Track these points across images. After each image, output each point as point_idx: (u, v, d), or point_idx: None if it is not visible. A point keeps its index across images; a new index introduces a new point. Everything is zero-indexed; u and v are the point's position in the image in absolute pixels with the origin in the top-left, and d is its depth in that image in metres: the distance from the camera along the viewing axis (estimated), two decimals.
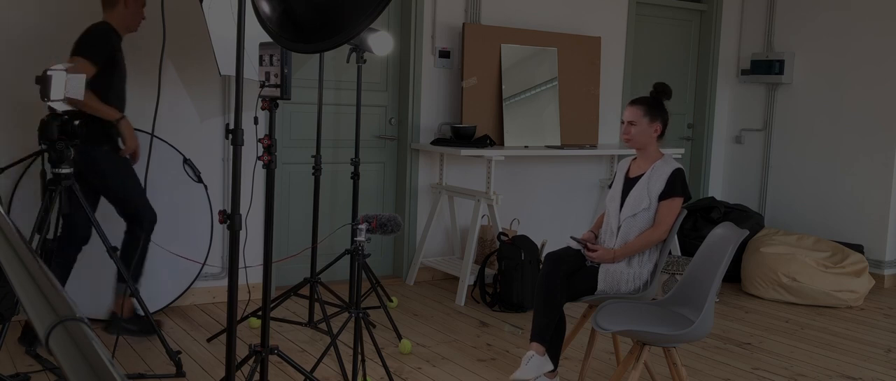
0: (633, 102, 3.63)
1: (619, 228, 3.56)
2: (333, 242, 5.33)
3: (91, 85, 3.67)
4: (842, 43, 6.32)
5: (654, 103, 3.60)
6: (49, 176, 3.48)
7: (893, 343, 4.64)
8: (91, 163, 3.85)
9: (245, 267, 4.66)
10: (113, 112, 3.88)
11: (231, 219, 2.74)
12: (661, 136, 3.62)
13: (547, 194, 6.11)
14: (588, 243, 3.61)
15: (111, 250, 3.53)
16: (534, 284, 4.89)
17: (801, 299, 5.45)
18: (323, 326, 4.37)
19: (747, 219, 6.03)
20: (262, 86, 2.96)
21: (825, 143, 6.45)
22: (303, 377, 3.56)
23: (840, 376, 4.02)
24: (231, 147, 2.79)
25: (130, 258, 3.96)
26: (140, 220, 4.01)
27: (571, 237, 3.70)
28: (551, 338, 3.47)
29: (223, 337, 4.14)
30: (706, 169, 7.10)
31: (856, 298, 5.43)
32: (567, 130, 5.95)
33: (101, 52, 3.85)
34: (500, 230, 5.15)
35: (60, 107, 3.40)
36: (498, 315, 4.88)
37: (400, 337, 4.14)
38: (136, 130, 4.49)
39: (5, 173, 3.96)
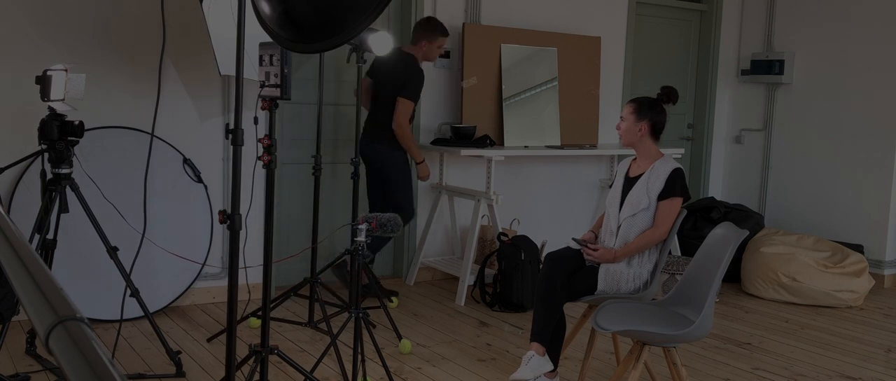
0: (631, 101, 3.66)
1: (618, 227, 3.56)
2: (333, 242, 5.33)
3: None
4: (842, 43, 6.32)
5: (646, 104, 3.60)
6: (49, 176, 3.48)
7: (893, 343, 4.64)
8: (384, 159, 4.89)
9: (245, 267, 4.65)
10: (419, 154, 4.99)
11: (231, 219, 2.74)
12: (655, 137, 3.61)
13: (547, 194, 6.11)
14: (588, 243, 3.62)
15: (111, 250, 3.53)
16: (534, 284, 4.89)
17: (801, 299, 5.45)
18: (323, 326, 4.37)
19: (747, 219, 6.02)
20: (262, 86, 2.96)
21: (825, 143, 6.45)
22: (303, 377, 3.56)
23: (840, 376, 4.02)
24: (231, 147, 2.79)
25: (381, 243, 4.96)
26: (400, 212, 4.77)
27: (572, 238, 3.71)
28: (551, 338, 3.47)
29: (223, 337, 4.14)
30: (706, 169, 7.10)
31: (856, 298, 5.43)
32: (567, 130, 5.95)
33: (419, 91, 4.87)
34: (500, 230, 5.15)
35: (61, 107, 3.40)
36: (498, 315, 4.88)
37: (400, 337, 4.14)
38: (135, 130, 4.50)
39: (5, 173, 3.96)
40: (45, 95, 3.35)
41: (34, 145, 3.63)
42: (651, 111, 3.58)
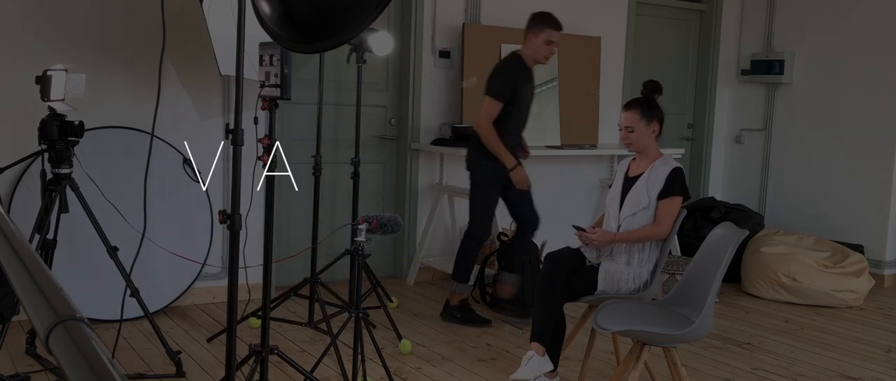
0: (628, 107, 3.59)
1: (618, 227, 3.56)
2: (333, 242, 5.33)
3: (495, 121, 4.37)
4: (842, 43, 6.32)
5: (648, 104, 3.58)
6: (49, 176, 3.48)
7: (893, 343, 4.64)
8: (469, 164, 4.55)
9: (245, 267, 4.65)
10: (509, 159, 4.45)
11: (231, 219, 2.74)
12: (660, 134, 3.61)
13: (547, 193, 6.11)
14: (587, 228, 3.61)
15: (111, 250, 3.53)
16: (534, 284, 4.88)
17: (801, 299, 5.45)
18: (323, 326, 4.37)
19: (747, 219, 6.02)
20: (262, 86, 2.96)
21: (825, 143, 6.45)
22: (303, 377, 3.56)
23: (840, 376, 4.02)
24: (231, 147, 2.79)
25: (462, 259, 4.61)
26: (469, 228, 4.59)
27: (573, 226, 3.68)
28: (551, 338, 3.47)
29: (223, 337, 4.14)
30: (706, 169, 7.10)
31: (856, 298, 5.43)
32: (567, 130, 5.95)
33: (505, 89, 4.38)
34: (500, 230, 5.15)
35: (61, 107, 3.40)
36: (498, 315, 4.87)
37: (400, 337, 4.14)
38: (135, 130, 4.50)
39: (5, 173, 3.96)
40: (45, 95, 3.35)
41: (34, 145, 3.63)
42: (653, 109, 3.57)
